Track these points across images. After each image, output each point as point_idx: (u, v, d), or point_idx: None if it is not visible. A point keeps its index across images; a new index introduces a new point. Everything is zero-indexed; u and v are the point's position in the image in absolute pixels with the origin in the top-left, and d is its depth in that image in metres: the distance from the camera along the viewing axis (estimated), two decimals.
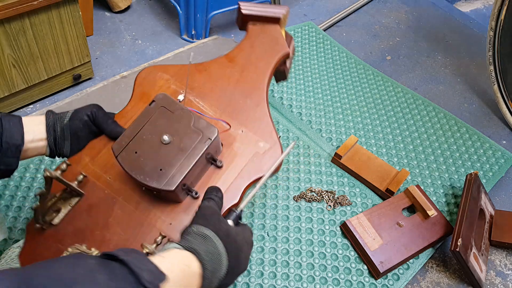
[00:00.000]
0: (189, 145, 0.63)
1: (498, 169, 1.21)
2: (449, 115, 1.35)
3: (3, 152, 0.61)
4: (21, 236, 0.92)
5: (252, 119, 0.75)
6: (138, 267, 0.42)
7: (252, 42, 0.81)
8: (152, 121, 0.65)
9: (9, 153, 0.62)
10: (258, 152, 0.72)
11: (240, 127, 0.74)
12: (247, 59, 0.79)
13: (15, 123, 0.62)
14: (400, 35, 1.87)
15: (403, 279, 0.95)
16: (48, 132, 0.66)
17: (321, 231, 1.00)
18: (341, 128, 1.25)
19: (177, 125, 0.65)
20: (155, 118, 0.65)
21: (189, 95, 0.75)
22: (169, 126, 0.65)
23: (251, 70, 0.78)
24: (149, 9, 1.94)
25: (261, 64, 0.79)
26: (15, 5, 1.13)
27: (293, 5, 2.06)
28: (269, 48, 0.80)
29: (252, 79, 0.78)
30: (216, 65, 0.80)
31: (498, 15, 1.36)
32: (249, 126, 0.74)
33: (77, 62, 1.41)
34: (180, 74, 0.77)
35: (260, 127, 0.74)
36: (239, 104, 0.76)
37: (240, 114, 0.75)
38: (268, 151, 0.72)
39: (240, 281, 0.90)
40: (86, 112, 0.69)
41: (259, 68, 0.79)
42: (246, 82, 0.77)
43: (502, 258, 1.06)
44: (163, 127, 0.64)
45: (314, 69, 1.44)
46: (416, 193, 1.04)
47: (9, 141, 0.61)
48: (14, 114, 0.65)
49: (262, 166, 0.71)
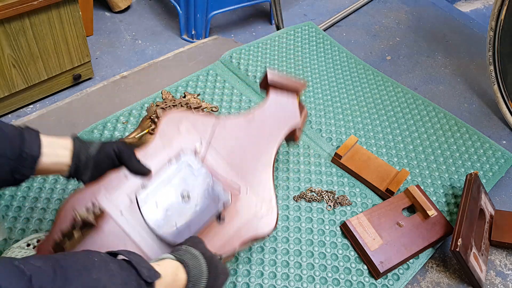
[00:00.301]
0: (204, 206, 0.71)
1: (498, 169, 1.21)
2: (449, 115, 1.35)
3: (22, 161, 0.64)
4: (21, 236, 0.92)
5: (258, 182, 0.79)
6: (139, 264, 0.50)
7: (270, 108, 0.88)
8: (177, 178, 0.72)
9: (27, 164, 0.64)
10: (256, 215, 0.77)
11: (246, 187, 0.79)
12: (263, 124, 0.85)
13: (34, 136, 0.66)
14: (400, 35, 1.87)
15: (403, 279, 0.95)
16: (72, 159, 0.69)
17: (321, 231, 1.00)
18: (341, 128, 1.25)
19: (198, 185, 0.72)
20: (181, 175, 0.73)
21: (206, 147, 0.80)
22: (190, 185, 0.72)
23: (265, 135, 0.84)
24: (149, 9, 1.94)
25: (274, 131, 0.85)
26: (15, 5, 1.13)
27: (293, 5, 2.06)
28: (284, 118, 0.87)
29: (264, 143, 0.83)
30: (235, 122, 0.85)
31: (498, 15, 1.36)
32: (253, 188, 0.79)
33: (77, 62, 1.41)
34: (203, 126, 0.82)
35: (263, 191, 0.79)
36: (249, 165, 0.81)
37: (248, 174, 0.80)
38: (265, 216, 0.77)
39: (240, 281, 0.90)
40: (113, 147, 0.72)
41: (272, 135, 0.85)
42: (259, 145, 0.83)
43: (502, 258, 1.06)
44: (185, 185, 0.72)
45: (314, 69, 1.44)
46: (416, 193, 1.04)
47: (27, 151, 0.64)
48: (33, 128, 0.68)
49: (258, 229, 0.76)
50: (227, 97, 1.29)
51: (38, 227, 0.94)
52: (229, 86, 1.33)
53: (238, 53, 1.41)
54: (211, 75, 1.35)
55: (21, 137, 0.64)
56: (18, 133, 0.64)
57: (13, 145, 0.62)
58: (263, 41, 1.50)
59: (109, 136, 1.13)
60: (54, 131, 1.18)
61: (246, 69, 1.37)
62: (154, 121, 1.10)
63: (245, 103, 1.28)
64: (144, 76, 1.39)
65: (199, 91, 1.29)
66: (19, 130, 0.65)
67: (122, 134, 1.14)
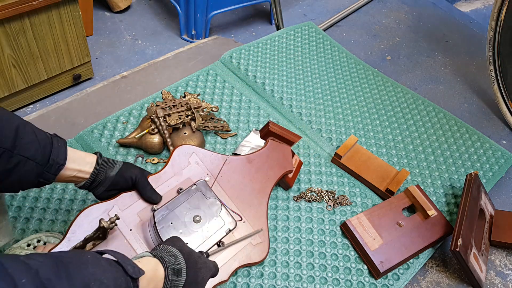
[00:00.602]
0: (212, 229, 0.80)
1: (498, 169, 1.21)
2: (449, 115, 1.35)
3: (48, 167, 0.68)
4: (21, 236, 0.92)
5: (254, 215, 0.90)
6: (124, 262, 0.54)
7: (269, 154, 1.00)
8: (190, 201, 0.81)
9: (52, 170, 0.69)
10: (251, 243, 0.86)
11: (244, 218, 0.89)
12: (262, 165, 0.97)
13: (62, 145, 0.71)
14: (400, 35, 1.87)
15: (403, 279, 0.95)
16: (91, 176, 0.75)
17: (321, 231, 1.00)
18: (341, 128, 1.25)
19: (208, 210, 0.81)
20: (193, 199, 0.81)
21: (212, 179, 0.90)
22: (201, 209, 0.81)
23: (262, 174, 0.96)
24: (149, 9, 1.94)
25: (270, 173, 0.97)
26: (15, 5, 1.13)
27: (293, 5, 2.06)
28: (279, 163, 0.99)
29: (261, 182, 0.95)
30: (238, 161, 0.96)
31: (498, 15, 1.36)
32: (250, 220, 0.89)
33: (77, 62, 1.41)
34: (210, 160, 0.92)
35: (257, 224, 0.89)
36: (247, 199, 0.91)
37: (246, 207, 0.90)
38: (258, 244, 0.87)
39: (240, 282, 0.90)
40: (131, 175, 0.79)
41: (268, 175, 0.96)
42: (256, 183, 0.94)
43: (502, 258, 1.06)
44: (196, 209, 0.81)
45: (314, 69, 1.44)
46: (416, 193, 1.04)
47: (55, 159, 0.69)
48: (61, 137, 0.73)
49: (251, 256, 0.85)
50: (227, 97, 1.29)
51: (38, 227, 0.94)
52: (229, 86, 1.33)
53: (238, 53, 1.41)
54: (211, 75, 1.35)
55: (51, 145, 0.69)
56: (49, 141, 0.69)
57: (44, 152, 0.67)
58: (263, 41, 1.50)
59: (109, 136, 1.13)
60: (54, 131, 1.18)
61: (246, 69, 1.37)
62: (154, 121, 1.10)
63: (245, 103, 1.28)
64: (144, 76, 1.39)
65: (199, 91, 1.29)
66: (49, 137, 0.70)
67: (122, 134, 1.14)
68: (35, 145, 0.66)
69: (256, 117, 1.24)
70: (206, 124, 1.16)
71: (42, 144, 0.67)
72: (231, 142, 1.17)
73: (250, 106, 1.27)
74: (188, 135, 1.10)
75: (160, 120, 1.09)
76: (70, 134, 1.16)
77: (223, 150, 1.15)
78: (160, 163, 1.08)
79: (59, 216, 0.96)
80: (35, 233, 0.91)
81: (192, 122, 1.12)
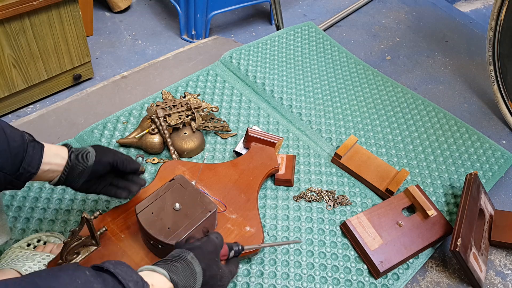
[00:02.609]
0: (193, 213, 0.82)
1: (498, 169, 1.21)
2: (449, 115, 1.35)
3: (17, 176, 0.66)
4: (21, 236, 0.92)
5: (243, 209, 0.95)
6: (125, 278, 0.50)
7: (252, 156, 1.06)
8: (169, 193, 0.84)
9: (22, 178, 0.67)
10: (244, 234, 0.90)
11: (234, 214, 0.93)
12: (247, 166, 1.04)
13: (37, 152, 0.68)
14: (400, 35, 1.87)
15: (403, 278, 0.95)
16: (66, 167, 0.72)
17: (321, 231, 1.00)
18: (341, 128, 1.25)
19: (187, 198, 0.84)
20: (172, 191, 0.85)
21: (198, 185, 0.97)
22: (181, 198, 0.84)
23: (248, 174, 1.02)
24: (149, 9, 1.94)
25: (256, 171, 1.03)
26: (15, 5, 1.13)
27: (293, 5, 2.06)
28: (264, 162, 1.05)
29: (248, 180, 1.01)
30: (223, 167, 1.03)
31: (498, 15, 1.36)
32: (240, 214, 0.94)
33: (77, 62, 1.41)
34: (194, 169, 1.00)
35: (249, 216, 0.93)
36: (235, 197, 0.97)
37: (234, 204, 0.95)
38: (252, 234, 0.90)
39: (240, 281, 0.90)
40: (109, 159, 0.78)
41: (254, 174, 1.02)
42: (243, 182, 1.00)
43: (501, 258, 1.06)
44: (176, 198, 0.84)
45: (314, 69, 1.44)
46: (416, 193, 1.04)
47: (26, 167, 0.66)
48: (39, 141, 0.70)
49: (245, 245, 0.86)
50: (227, 97, 1.29)
51: (38, 227, 0.94)
52: (229, 86, 1.33)
53: (238, 53, 1.41)
54: (211, 75, 1.35)
55: (24, 153, 0.66)
56: (23, 149, 0.66)
57: (15, 161, 0.65)
58: (263, 41, 1.50)
59: (109, 136, 1.13)
60: (54, 131, 1.18)
61: (246, 69, 1.37)
62: (154, 121, 1.10)
63: (245, 103, 1.28)
64: (144, 76, 1.39)
65: (199, 91, 1.29)
66: (25, 143, 0.66)
67: (122, 134, 1.14)
68: (5, 155, 0.63)
69: (256, 117, 1.24)
70: (206, 124, 1.16)
71: (13, 153, 0.64)
72: (231, 142, 1.17)
73: (250, 106, 1.27)
74: (188, 135, 1.10)
75: (160, 120, 1.09)
76: (70, 134, 1.16)
77: (223, 150, 1.15)
78: (160, 163, 1.08)
79: (59, 216, 0.96)
80: (35, 233, 0.91)
81: (192, 122, 1.12)
